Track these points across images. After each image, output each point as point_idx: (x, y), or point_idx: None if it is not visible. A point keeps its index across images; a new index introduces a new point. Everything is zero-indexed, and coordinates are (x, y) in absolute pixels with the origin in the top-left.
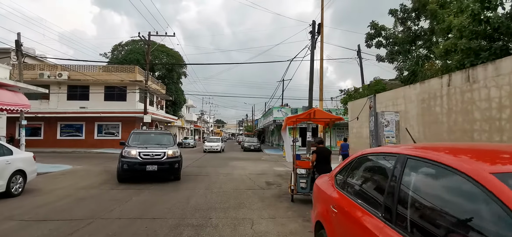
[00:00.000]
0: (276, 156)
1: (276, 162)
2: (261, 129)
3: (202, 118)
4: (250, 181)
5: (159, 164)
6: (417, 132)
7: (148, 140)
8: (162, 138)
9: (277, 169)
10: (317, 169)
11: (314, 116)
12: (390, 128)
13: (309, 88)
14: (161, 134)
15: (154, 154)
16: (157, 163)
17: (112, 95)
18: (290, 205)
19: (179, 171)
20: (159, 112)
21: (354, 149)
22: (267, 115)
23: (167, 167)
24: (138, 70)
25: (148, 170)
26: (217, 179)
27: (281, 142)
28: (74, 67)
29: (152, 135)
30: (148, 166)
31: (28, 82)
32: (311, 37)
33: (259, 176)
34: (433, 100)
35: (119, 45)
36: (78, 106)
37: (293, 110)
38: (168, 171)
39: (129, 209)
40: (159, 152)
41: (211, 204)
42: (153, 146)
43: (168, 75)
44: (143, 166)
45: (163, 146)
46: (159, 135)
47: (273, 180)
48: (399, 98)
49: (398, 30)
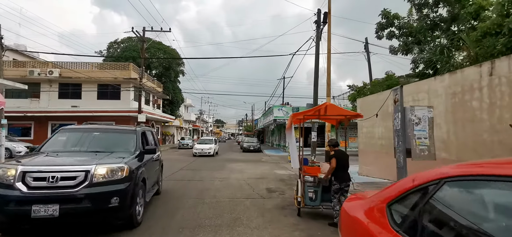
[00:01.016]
0: (277, 157)
1: (277, 164)
2: (261, 129)
3: (201, 117)
4: (248, 188)
5: (66, 200)
6: (446, 133)
7: (84, 145)
8: (117, 140)
9: (279, 173)
10: (336, 176)
11: (325, 112)
12: (422, 126)
13: (314, 83)
14: (117, 133)
15: (61, 177)
16: (61, 199)
17: (106, 93)
18: (297, 221)
19: (128, 211)
20: (156, 111)
21: (365, 152)
22: (267, 114)
23: (84, 209)
24: (132, 67)
25: (38, 217)
26: (212, 185)
27: (282, 142)
28: (66, 64)
29: (95, 135)
30: (38, 208)
31: (17, 80)
32: (316, 27)
33: (259, 181)
34: (468, 93)
35: (115, 42)
36: (70, 104)
37: (294, 109)
38: (86, 214)
39: None
40: (74, 172)
41: (200, 220)
42: (81, 156)
43: (165, 74)
44: (25, 208)
45: (99, 158)
46: (110, 135)
47: (275, 186)
48: (421, 93)
49: (413, 19)
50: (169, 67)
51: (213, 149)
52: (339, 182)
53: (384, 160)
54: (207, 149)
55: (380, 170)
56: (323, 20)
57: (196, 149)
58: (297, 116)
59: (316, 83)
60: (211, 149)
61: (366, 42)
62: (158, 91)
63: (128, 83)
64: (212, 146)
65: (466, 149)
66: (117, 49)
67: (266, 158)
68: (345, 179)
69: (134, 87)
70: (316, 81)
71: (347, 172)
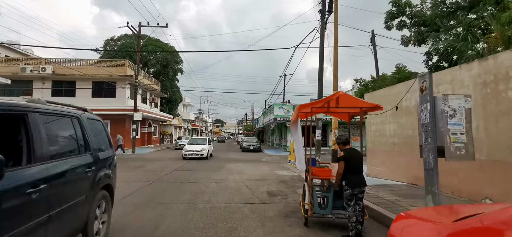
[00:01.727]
0: (278, 157)
1: (278, 165)
2: (261, 128)
3: (200, 117)
4: (247, 191)
5: None
6: (475, 129)
7: None
8: None
9: (280, 174)
10: (347, 180)
11: (337, 104)
12: (458, 119)
13: (318, 77)
14: None
15: None
16: None
17: (101, 91)
18: (304, 233)
19: None
20: (153, 110)
21: (374, 151)
22: (267, 113)
23: None
24: (128, 63)
25: None
26: (207, 187)
27: (282, 142)
28: (60, 61)
29: None
30: None
31: (8, 77)
32: (320, 17)
33: (259, 183)
34: (503, 83)
35: (112, 39)
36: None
37: (295, 106)
38: None
39: None
40: None
41: (189, 230)
42: None
43: (163, 72)
44: None
45: None
46: None
47: (277, 189)
48: (443, 84)
49: (427, 6)
50: (167, 65)
51: (206, 150)
52: (351, 187)
53: (397, 160)
54: (199, 150)
55: (391, 171)
56: (328, 9)
57: (186, 151)
58: (304, 108)
59: (321, 76)
60: (204, 150)
61: (372, 34)
62: (156, 89)
63: (123, 81)
64: (205, 147)
65: (499, 147)
66: (113, 47)
67: (267, 158)
68: (358, 183)
69: (130, 84)
70: (321, 74)
71: (361, 175)
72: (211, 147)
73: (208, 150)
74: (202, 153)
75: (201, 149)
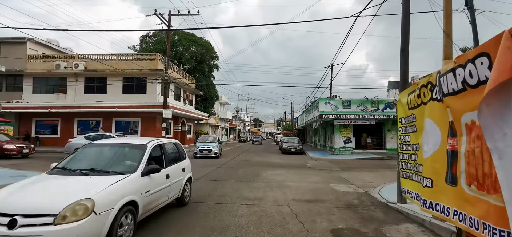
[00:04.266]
0: (325, 161)
1: (329, 173)
2: (301, 127)
3: (237, 116)
4: (296, 224)
5: None
6: None
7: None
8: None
9: (340, 190)
10: None
11: None
12: None
13: (401, 47)
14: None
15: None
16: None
17: (131, 87)
18: None
19: None
20: (187, 108)
21: None
22: (310, 111)
23: None
24: (159, 57)
25: None
26: (234, 213)
27: (328, 143)
28: (92, 56)
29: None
30: None
31: (44, 74)
32: None
33: (312, 207)
34: None
35: (147, 36)
36: (95, 100)
37: (345, 102)
38: None
39: None
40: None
41: None
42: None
43: (198, 68)
44: None
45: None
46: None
47: (346, 225)
48: None
49: None
50: (202, 61)
51: (216, 148)
52: None
53: None
54: (206, 148)
55: None
56: None
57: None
58: None
59: (407, 38)
60: (216, 148)
61: None
62: (187, 83)
63: (154, 75)
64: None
65: None
66: (149, 43)
67: (313, 163)
68: None
69: (161, 79)
70: (407, 37)
71: None
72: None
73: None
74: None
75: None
